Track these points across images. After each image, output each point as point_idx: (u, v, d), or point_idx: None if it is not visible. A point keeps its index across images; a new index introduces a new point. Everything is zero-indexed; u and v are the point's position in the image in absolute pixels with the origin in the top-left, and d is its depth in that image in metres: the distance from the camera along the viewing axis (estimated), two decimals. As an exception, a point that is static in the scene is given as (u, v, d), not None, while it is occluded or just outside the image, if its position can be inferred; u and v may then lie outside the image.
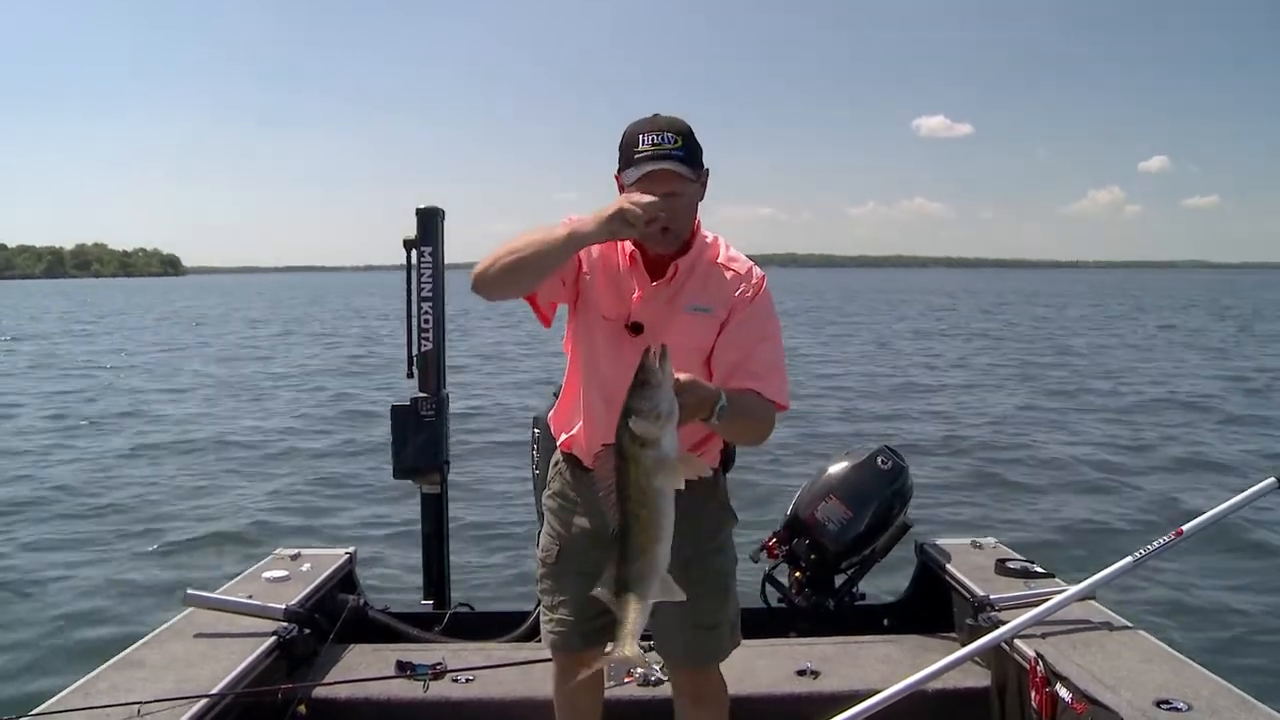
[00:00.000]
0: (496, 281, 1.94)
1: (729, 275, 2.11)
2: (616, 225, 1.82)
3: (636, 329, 2.06)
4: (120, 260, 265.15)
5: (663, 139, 1.93)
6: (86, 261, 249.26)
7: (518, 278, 1.93)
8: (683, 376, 1.74)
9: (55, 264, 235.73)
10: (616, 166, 2.02)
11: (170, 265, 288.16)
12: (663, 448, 1.66)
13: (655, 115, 2.00)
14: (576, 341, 2.18)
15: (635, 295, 2.09)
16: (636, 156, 1.94)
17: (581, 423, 2.19)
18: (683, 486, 1.71)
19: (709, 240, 2.14)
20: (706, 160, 2.02)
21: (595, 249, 2.09)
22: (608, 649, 1.77)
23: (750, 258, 2.17)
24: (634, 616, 1.72)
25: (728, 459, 2.27)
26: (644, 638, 2.78)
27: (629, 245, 2.10)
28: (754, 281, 2.11)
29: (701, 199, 2.07)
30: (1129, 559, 2.82)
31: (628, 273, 2.10)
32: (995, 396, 14.37)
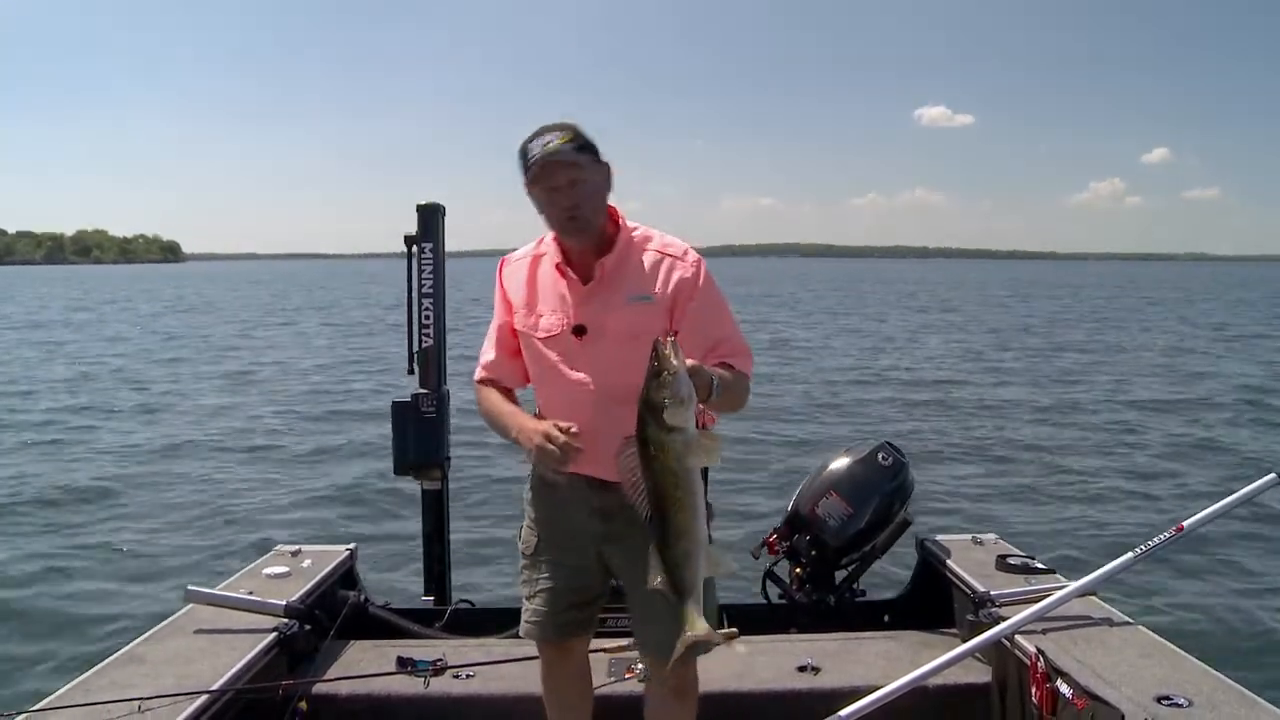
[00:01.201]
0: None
1: (664, 260, 2.18)
2: (536, 462, 2.08)
3: (579, 331, 2.15)
4: (120, 246, 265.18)
5: (550, 138, 2.06)
6: (87, 248, 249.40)
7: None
8: (689, 362, 1.80)
9: (55, 250, 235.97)
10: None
11: (170, 251, 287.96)
12: (689, 430, 1.75)
13: (541, 125, 2.11)
14: (532, 362, 2.27)
15: (572, 301, 2.18)
16: (529, 161, 2.06)
17: None
18: (718, 461, 1.82)
19: (636, 232, 2.22)
20: (709, 151, 2.09)
21: (522, 274, 2.27)
22: (686, 634, 1.81)
23: (753, 248, 2.17)
24: (693, 595, 1.80)
25: None
26: (625, 634, 2.80)
27: (555, 257, 2.22)
28: (690, 261, 2.19)
29: (609, 189, 2.17)
30: (1130, 555, 2.81)
31: (558, 282, 2.20)
32: (995, 392, 14.36)
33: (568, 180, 2.05)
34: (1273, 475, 2.78)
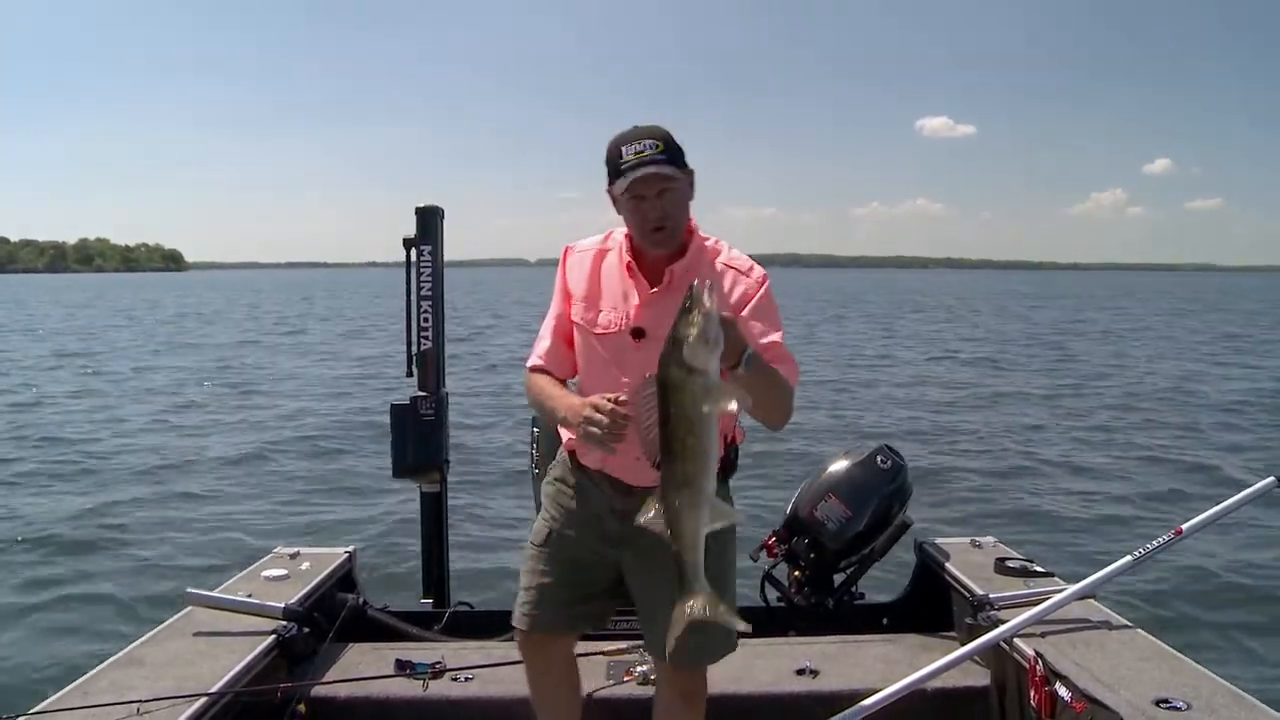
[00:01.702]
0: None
1: (730, 274, 2.17)
2: (583, 438, 2.00)
3: (638, 334, 2.13)
4: (123, 255, 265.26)
5: (643, 146, 2.04)
6: (89, 256, 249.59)
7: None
8: (725, 314, 1.78)
9: (58, 258, 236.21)
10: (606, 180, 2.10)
11: (173, 260, 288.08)
12: (710, 374, 1.70)
13: (634, 126, 2.09)
14: (582, 355, 2.25)
15: (636, 303, 2.16)
16: (622, 167, 2.05)
17: None
18: (735, 409, 1.76)
19: (708, 242, 2.21)
20: (712, 160, 2.08)
21: (586, 266, 2.24)
22: (686, 608, 1.79)
23: (753, 258, 2.23)
24: (692, 548, 1.76)
25: (729, 464, 2.27)
26: (635, 636, 2.79)
27: (625, 255, 2.20)
28: (755, 278, 2.17)
29: (691, 198, 2.16)
30: (1128, 558, 2.81)
31: (626, 282, 2.19)
32: (995, 393, 14.37)
33: (657, 192, 2.05)
34: (1271, 479, 2.78)
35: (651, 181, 2.04)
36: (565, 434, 2.30)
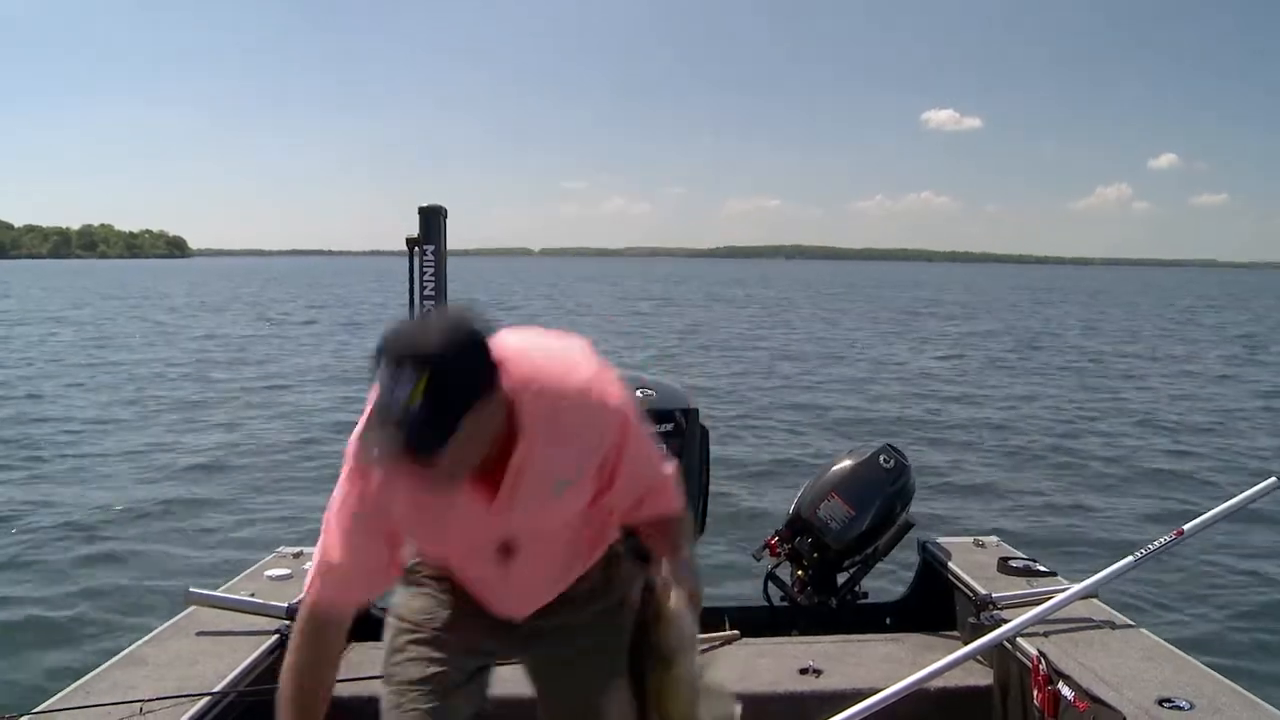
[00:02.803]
0: None
1: (579, 418, 1.57)
2: None
3: (509, 550, 1.68)
4: (126, 241, 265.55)
5: (392, 402, 1.33)
6: (93, 242, 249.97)
7: None
8: (681, 602, 1.56)
9: (62, 244, 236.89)
10: None
11: (176, 247, 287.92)
12: (694, 674, 1.59)
13: (397, 335, 1.40)
14: (426, 553, 1.82)
15: (487, 524, 1.63)
16: (371, 421, 1.41)
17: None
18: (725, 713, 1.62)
19: (531, 389, 1.52)
20: (715, 152, 1.82)
21: (396, 493, 1.61)
22: None
23: (757, 250, 1.95)
24: None
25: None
26: None
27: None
28: (612, 409, 1.60)
29: (499, 416, 1.48)
30: (1131, 558, 2.81)
31: (460, 501, 1.59)
32: (996, 395, 14.37)
33: (419, 477, 1.45)
34: (1273, 479, 2.78)
35: (400, 467, 1.43)
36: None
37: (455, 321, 1.41)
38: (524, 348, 1.55)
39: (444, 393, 1.34)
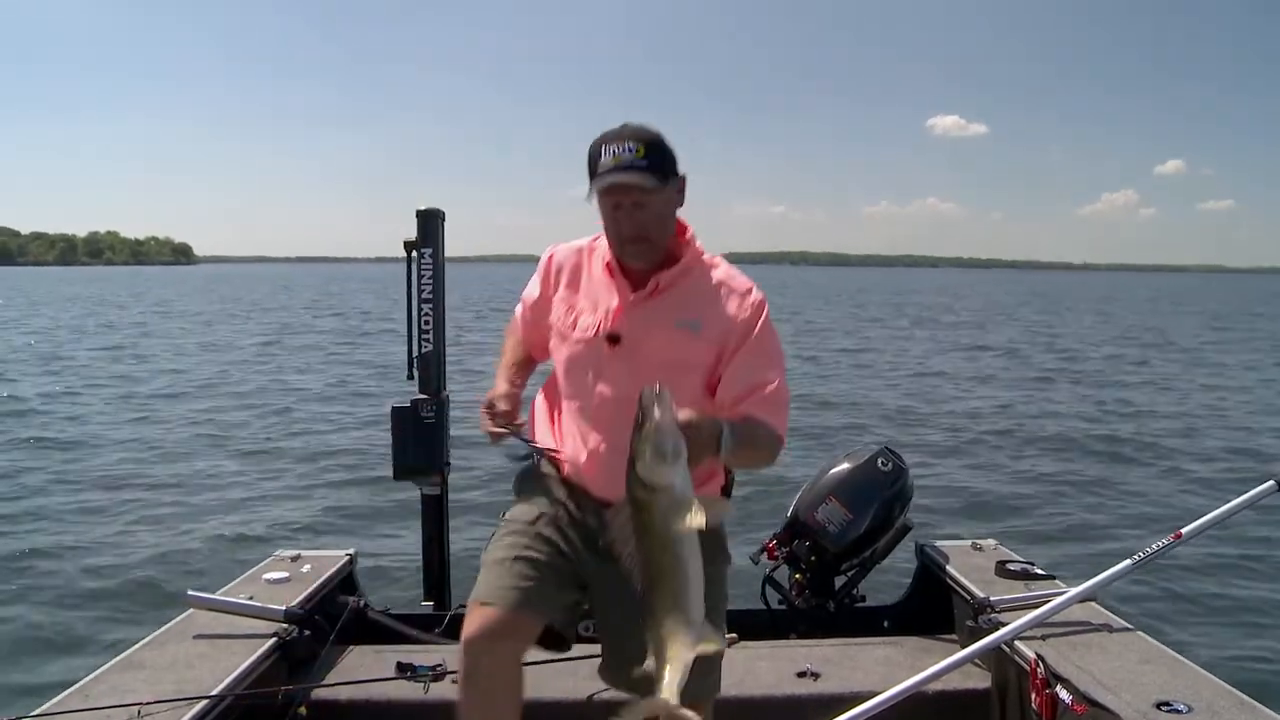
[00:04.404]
0: None
1: (723, 292, 2.00)
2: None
3: (614, 340, 1.99)
4: (132, 248, 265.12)
5: (623, 149, 1.85)
6: (99, 249, 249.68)
7: None
8: (683, 415, 1.62)
9: (68, 251, 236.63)
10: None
11: (182, 254, 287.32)
12: (676, 490, 1.57)
13: (624, 125, 1.92)
14: (557, 360, 2.13)
15: (615, 306, 2.01)
16: (598, 170, 1.88)
17: (559, 436, 2.13)
18: (703, 527, 1.59)
19: (705, 258, 2.05)
20: (722, 158, 2.02)
21: (568, 262, 2.12)
22: (657, 698, 1.60)
23: (763, 256, 2.11)
24: (676, 673, 1.60)
25: (724, 491, 2.19)
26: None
27: (606, 255, 2.05)
28: (752, 301, 2.00)
29: (680, 205, 2.00)
30: (1129, 561, 2.81)
31: (607, 284, 2.04)
32: (996, 396, 14.37)
33: (633, 202, 1.88)
34: (1271, 483, 2.78)
35: (623, 191, 1.87)
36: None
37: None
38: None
39: (660, 153, 1.89)
